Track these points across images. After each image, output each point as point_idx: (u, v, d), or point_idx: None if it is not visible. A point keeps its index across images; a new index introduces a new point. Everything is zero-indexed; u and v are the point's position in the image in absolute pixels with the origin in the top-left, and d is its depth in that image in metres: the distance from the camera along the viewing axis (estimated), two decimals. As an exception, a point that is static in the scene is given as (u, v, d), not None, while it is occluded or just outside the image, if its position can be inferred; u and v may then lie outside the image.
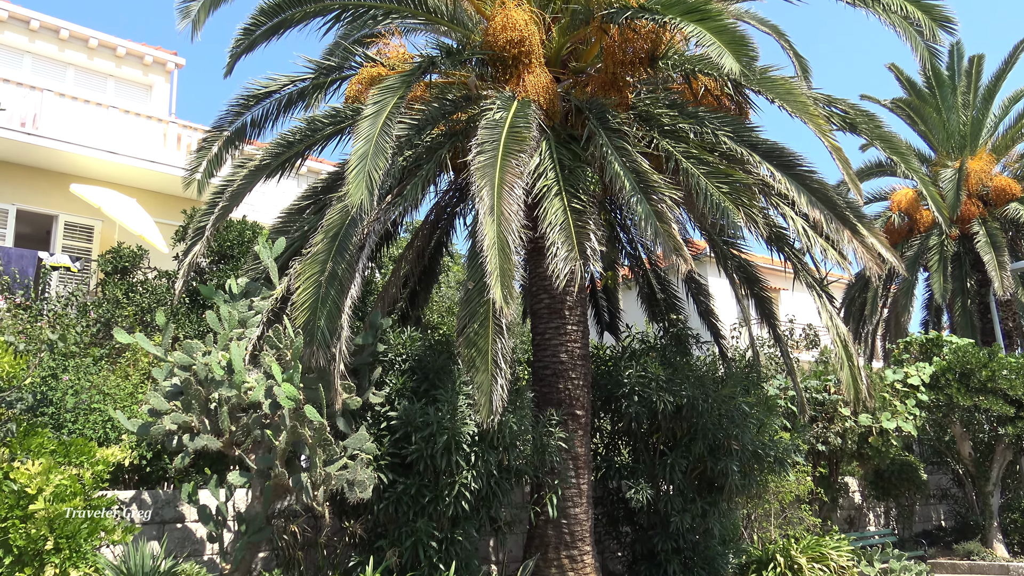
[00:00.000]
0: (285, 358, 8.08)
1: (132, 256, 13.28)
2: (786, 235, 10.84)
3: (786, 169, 8.99)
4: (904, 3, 9.21)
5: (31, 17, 16.97)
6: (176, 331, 11.08)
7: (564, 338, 10.11)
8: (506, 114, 8.42)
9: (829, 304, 10.22)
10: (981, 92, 21.44)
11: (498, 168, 7.72)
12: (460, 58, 9.79)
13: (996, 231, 19.68)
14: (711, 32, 7.74)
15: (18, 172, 15.35)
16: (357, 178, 7.17)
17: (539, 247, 8.86)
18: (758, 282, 12.24)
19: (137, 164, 15.71)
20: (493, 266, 7.01)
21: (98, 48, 17.92)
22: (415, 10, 9.51)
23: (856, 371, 9.92)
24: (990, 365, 14.96)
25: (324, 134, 10.30)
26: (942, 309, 22.84)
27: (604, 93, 9.67)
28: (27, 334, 9.85)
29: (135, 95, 18.55)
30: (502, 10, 9.17)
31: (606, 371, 11.61)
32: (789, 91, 8.75)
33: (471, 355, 7.91)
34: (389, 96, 8.00)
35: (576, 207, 8.28)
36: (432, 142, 9.77)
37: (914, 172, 10.78)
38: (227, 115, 10.39)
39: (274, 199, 17.04)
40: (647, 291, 13.58)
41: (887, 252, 9.34)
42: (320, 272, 8.02)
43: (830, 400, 14.69)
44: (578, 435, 9.93)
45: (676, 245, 7.72)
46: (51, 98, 15.30)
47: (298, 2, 9.07)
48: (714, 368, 12.20)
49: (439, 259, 12.70)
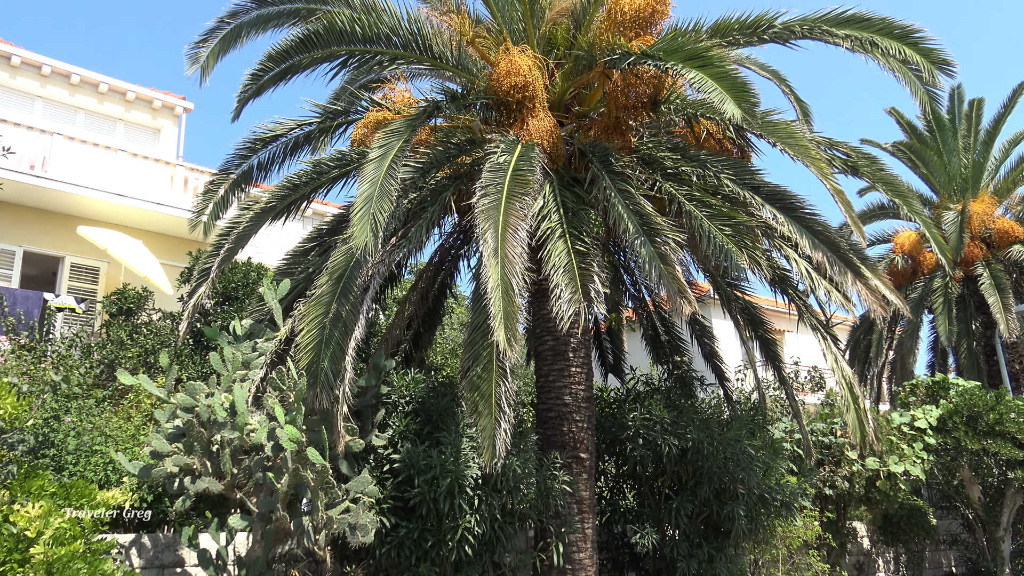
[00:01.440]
0: (288, 400, 8.06)
1: (137, 297, 13.32)
2: (790, 277, 10.85)
3: (789, 212, 9.03)
4: (902, 47, 9.29)
5: (43, 63, 17.26)
6: (180, 373, 11.07)
7: (568, 380, 10.07)
8: (510, 157, 8.49)
9: (834, 346, 10.19)
10: (982, 135, 21.61)
11: (502, 211, 7.77)
12: (465, 102, 9.91)
13: (1000, 273, 19.68)
14: (712, 78, 7.83)
15: (26, 214, 15.49)
16: (362, 221, 7.22)
17: (543, 289, 8.88)
18: (762, 324, 12.21)
19: (144, 206, 15.85)
20: (497, 308, 7.02)
21: (108, 93, 18.19)
22: (421, 56, 9.65)
23: (862, 414, 9.85)
24: (997, 408, 14.84)
25: (329, 177, 10.39)
26: (948, 351, 22.74)
27: (607, 137, 9.76)
28: (31, 375, 9.85)
29: (144, 138, 18.79)
30: (506, 56, 9.31)
31: (610, 414, 11.54)
32: (791, 135, 8.82)
33: (474, 398, 7.88)
34: (394, 140, 8.08)
35: (580, 249, 8.31)
36: (437, 185, 9.85)
37: (916, 214, 10.82)
38: (234, 158, 10.50)
39: (279, 241, 17.17)
40: (651, 333, 13.55)
41: (891, 294, 9.34)
42: (324, 314, 8.03)
43: (837, 443, 14.55)
44: (582, 479, 9.83)
45: (680, 287, 7.72)
46: (60, 141, 15.49)
47: (305, 48, 9.20)
48: (719, 411, 12.12)
49: (443, 301, 12.72)
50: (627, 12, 9.05)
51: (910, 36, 9.30)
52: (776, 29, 9.72)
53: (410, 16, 9.39)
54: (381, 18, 9.29)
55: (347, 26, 9.03)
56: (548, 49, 10.04)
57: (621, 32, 9.07)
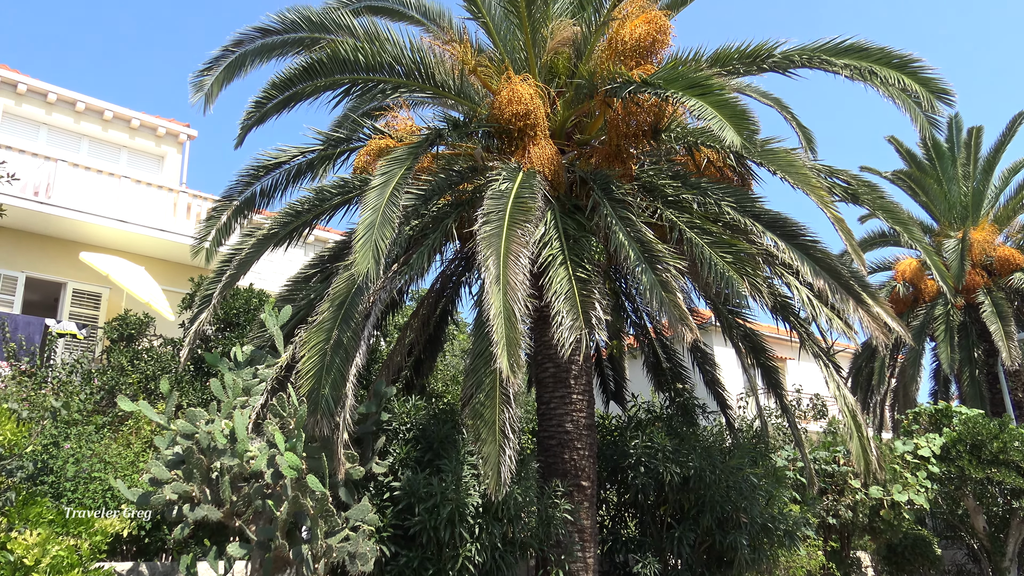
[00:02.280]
0: (289, 427, 8.02)
1: (138, 323, 13.32)
2: (791, 304, 10.84)
3: (789, 239, 9.05)
4: (901, 76, 9.36)
5: (48, 90, 17.41)
6: (180, 399, 11.04)
7: (569, 407, 10.04)
8: (512, 185, 8.53)
9: (836, 374, 10.16)
10: (981, 163, 21.71)
11: (504, 238, 7.79)
12: (467, 130, 9.98)
13: (1001, 301, 19.66)
14: (712, 106, 7.88)
15: (29, 240, 15.54)
16: (364, 247, 7.24)
17: (544, 316, 8.88)
18: (764, 351, 12.19)
19: (147, 232, 15.90)
20: (499, 335, 7.01)
21: (113, 120, 18.33)
22: (423, 85, 9.73)
23: (866, 442, 9.80)
24: (1001, 436, 14.76)
25: (332, 204, 10.43)
26: (950, 379, 22.65)
27: (608, 164, 9.81)
28: (31, 401, 9.82)
29: (147, 165, 18.89)
30: (508, 84, 9.38)
31: (612, 441, 11.49)
32: (790, 163, 8.87)
33: (477, 425, 7.85)
34: (396, 167, 8.13)
35: (581, 276, 8.32)
36: (439, 212, 9.89)
37: (917, 242, 10.83)
38: (237, 185, 10.55)
39: (281, 267, 17.19)
40: (653, 360, 13.53)
41: (893, 321, 9.33)
42: (325, 340, 8.03)
43: (840, 472, 14.46)
44: (584, 507, 9.76)
45: (681, 314, 7.72)
46: (64, 168, 15.58)
47: (309, 76, 9.29)
48: (721, 439, 12.07)
49: (444, 328, 12.71)
50: (628, 42, 9.14)
51: (908, 65, 9.38)
52: (776, 58, 9.81)
53: (413, 45, 9.49)
54: (384, 47, 9.38)
55: (350, 55, 9.11)
56: (550, 78, 10.13)
57: (622, 61, 9.15)
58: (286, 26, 9.93)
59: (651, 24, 9.15)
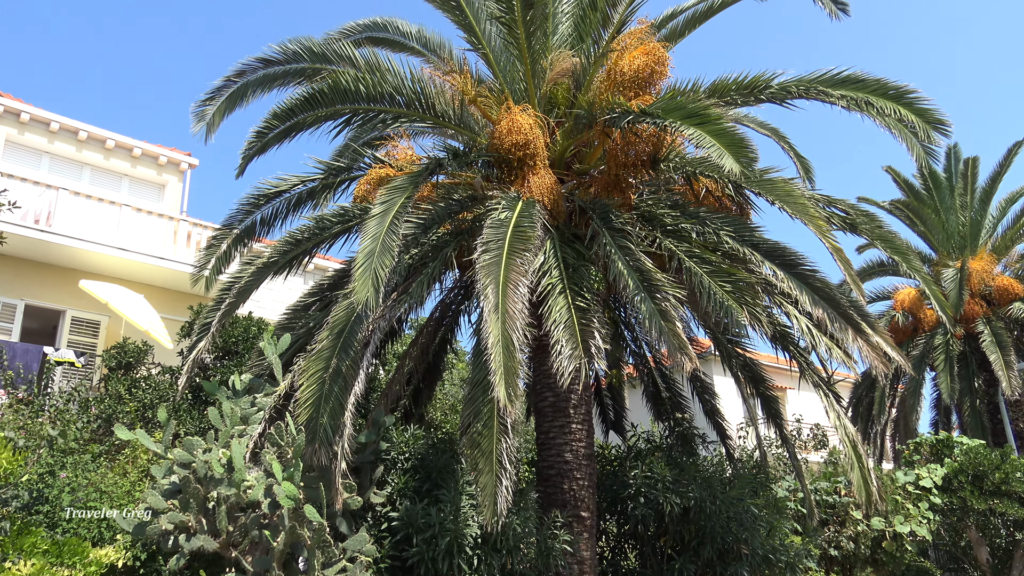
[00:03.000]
0: (286, 456, 7.98)
1: (136, 352, 13.29)
2: (790, 334, 10.83)
3: (788, 268, 9.07)
4: (897, 107, 9.43)
5: (51, 119, 17.53)
6: (178, 428, 10.99)
7: (569, 437, 9.99)
8: (511, 214, 8.56)
9: (836, 403, 10.13)
10: (978, 193, 21.82)
11: (503, 266, 7.80)
12: (467, 160, 10.04)
13: (1001, 330, 19.66)
14: (710, 134, 7.93)
15: (29, 268, 15.56)
16: (363, 276, 7.25)
17: (543, 345, 8.86)
18: (764, 381, 12.16)
19: (147, 261, 15.91)
20: (497, 364, 6.99)
21: (114, 149, 18.44)
22: (423, 115, 9.81)
23: (867, 473, 9.74)
24: (1003, 467, 14.68)
25: (332, 232, 10.46)
26: (951, 409, 22.58)
27: (607, 194, 9.86)
28: (27, 430, 9.78)
29: (149, 193, 18.97)
30: (508, 115, 9.46)
31: (611, 471, 11.42)
32: (788, 193, 8.90)
33: (475, 455, 7.80)
34: (396, 196, 8.16)
35: (580, 305, 8.32)
36: (438, 240, 9.91)
37: (916, 271, 10.85)
38: (237, 214, 10.59)
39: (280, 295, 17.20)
40: (652, 390, 13.49)
41: (893, 351, 9.32)
42: (324, 369, 8.01)
43: (841, 503, 14.36)
44: (583, 538, 9.67)
45: (681, 344, 7.71)
46: (65, 196, 15.64)
47: (310, 106, 9.36)
48: (721, 469, 11.99)
49: (443, 356, 12.69)
50: (627, 73, 9.22)
51: (904, 96, 9.46)
52: (773, 89, 9.90)
53: (413, 76, 9.58)
54: (385, 78, 9.47)
55: (351, 85, 9.20)
56: (549, 108, 10.21)
57: (621, 92, 9.23)
58: (288, 57, 10.04)
59: (649, 55, 9.25)
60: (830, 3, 9.69)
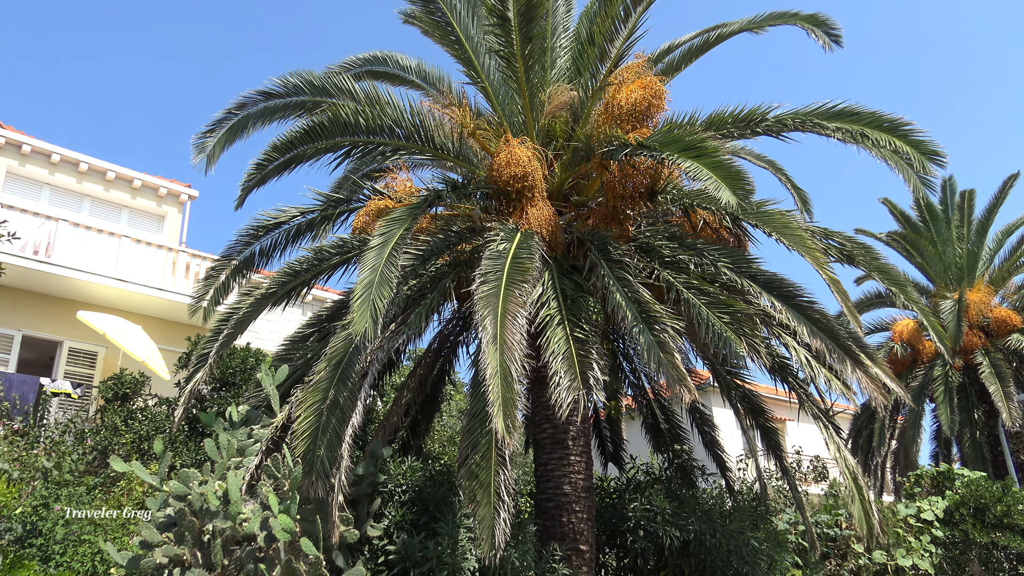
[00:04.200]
0: (283, 488, 7.92)
1: (133, 383, 13.25)
2: (789, 365, 10.82)
3: (786, 300, 9.08)
4: (892, 138, 9.50)
5: (52, 151, 17.64)
6: (174, 459, 10.92)
7: (567, 469, 9.92)
8: (509, 245, 8.59)
9: (836, 435, 10.09)
10: (975, 225, 21.92)
11: (501, 297, 7.80)
12: (465, 192, 10.09)
13: (1000, 362, 19.63)
14: (707, 167, 7.98)
15: (27, 298, 15.55)
16: (361, 307, 7.24)
17: (542, 376, 8.84)
18: (763, 412, 12.12)
19: (145, 291, 15.93)
20: (496, 395, 6.97)
21: (115, 180, 18.54)
22: (423, 147, 9.88)
23: (868, 505, 9.67)
24: (1004, 499, 14.58)
25: (330, 263, 10.48)
26: (951, 441, 22.48)
27: (605, 225, 9.90)
28: (22, 461, 9.71)
29: (148, 225, 19.04)
30: (506, 147, 9.52)
31: (610, 504, 11.33)
32: (786, 224, 8.94)
33: (473, 487, 7.75)
34: (395, 227, 8.19)
35: (579, 336, 8.31)
36: (437, 272, 9.93)
37: (914, 303, 10.86)
38: (236, 245, 10.62)
39: (278, 326, 17.19)
40: (651, 421, 13.43)
41: (892, 383, 9.30)
42: (322, 400, 7.98)
43: (842, 535, 14.23)
44: (582, 572, 9.57)
45: (679, 375, 7.69)
46: (65, 227, 15.69)
47: (310, 139, 9.42)
48: (721, 501, 11.90)
49: (441, 388, 12.65)
50: (624, 106, 9.31)
51: (900, 128, 9.54)
52: (769, 122, 9.99)
53: (413, 109, 9.66)
54: (384, 110, 9.55)
55: (351, 118, 9.27)
56: (547, 140, 10.28)
57: (618, 125, 9.31)
58: (288, 90, 10.13)
59: (646, 89, 9.34)
60: (824, 36, 9.83)
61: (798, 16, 10.10)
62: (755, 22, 10.64)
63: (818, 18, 9.93)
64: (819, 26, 9.88)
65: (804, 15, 10.04)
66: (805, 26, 9.99)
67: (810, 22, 9.95)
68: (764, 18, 10.53)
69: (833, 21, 9.86)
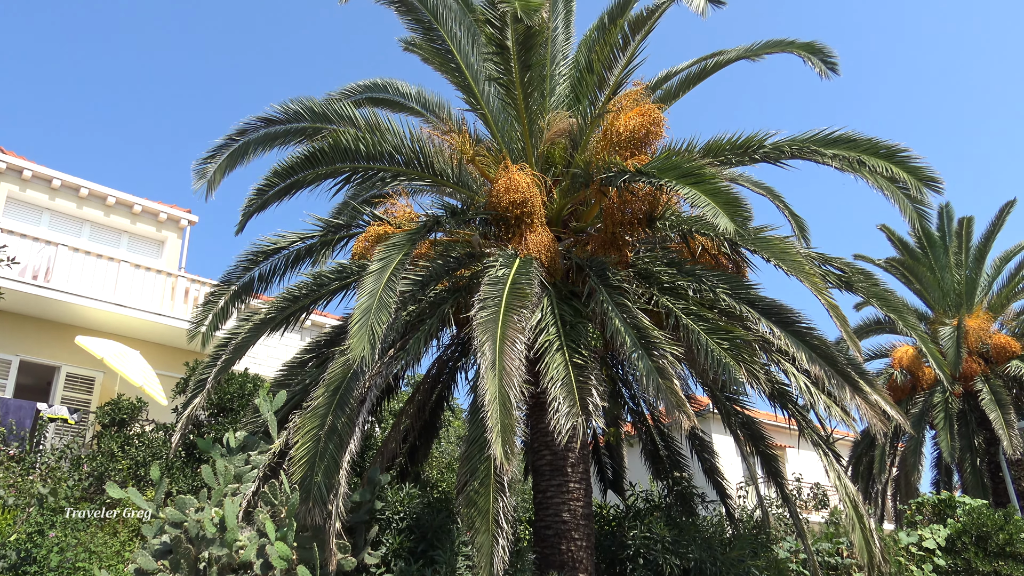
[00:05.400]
0: (280, 515, 7.86)
1: (131, 408, 13.19)
2: (789, 392, 10.79)
3: (785, 326, 9.08)
4: (889, 165, 9.55)
5: (53, 176, 17.70)
6: (170, 486, 10.85)
7: (566, 496, 9.86)
8: (508, 271, 8.60)
9: (836, 462, 10.03)
10: (972, 252, 21.95)
11: (500, 323, 7.80)
12: (464, 217, 10.12)
13: (1000, 388, 19.57)
14: (706, 194, 8.02)
15: (25, 323, 15.53)
16: (360, 332, 7.24)
17: (540, 402, 8.81)
18: (763, 439, 12.06)
19: (144, 316, 15.91)
20: (494, 421, 6.94)
21: (115, 205, 18.58)
22: (422, 173, 9.93)
23: (868, 533, 9.60)
24: (1007, 528, 14.47)
25: (329, 289, 10.49)
26: (952, 468, 22.36)
27: (604, 251, 9.92)
28: (18, 487, 9.65)
29: (148, 249, 19.07)
30: (505, 173, 9.57)
31: (610, 531, 11.24)
32: (784, 250, 8.97)
33: (471, 514, 7.69)
34: (394, 253, 8.21)
35: (578, 362, 8.30)
36: (435, 297, 9.93)
37: (912, 329, 10.86)
38: (235, 270, 10.63)
39: (277, 352, 17.16)
40: (650, 448, 13.37)
41: (891, 409, 9.27)
42: (319, 426, 7.94)
43: (843, 564, 14.10)
44: (581, 600, 9.48)
45: (679, 401, 7.67)
46: (64, 252, 15.71)
47: (311, 164, 9.46)
48: (721, 529, 11.81)
49: (440, 414, 12.60)
50: (622, 133, 9.37)
51: (896, 155, 9.60)
52: (766, 149, 10.04)
53: (412, 135, 9.72)
54: (384, 137, 9.61)
55: (351, 144, 9.32)
56: (546, 167, 10.34)
57: (617, 152, 9.36)
58: (289, 116, 10.19)
59: (645, 116, 9.41)
60: (820, 64, 9.91)
61: (795, 44, 10.19)
62: (752, 50, 10.73)
63: (815, 46, 10.02)
64: (815, 54, 9.97)
65: (801, 43, 10.13)
66: (802, 54, 10.08)
67: (807, 50, 10.04)
68: (761, 46, 10.62)
69: (830, 49, 9.95)
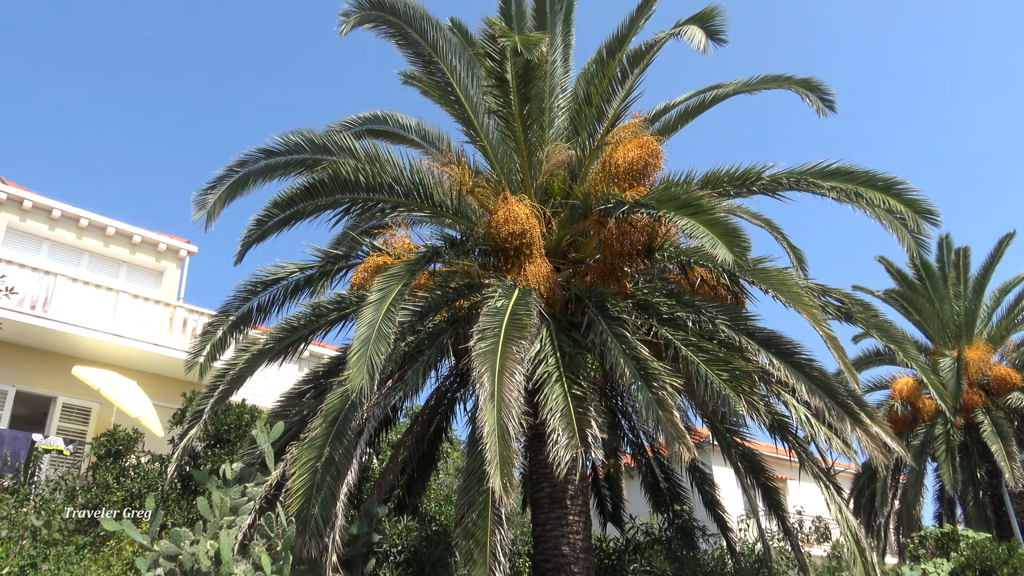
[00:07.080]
0: (276, 548, 7.78)
1: (126, 439, 13.10)
2: (789, 423, 10.72)
3: (784, 357, 9.05)
4: (886, 197, 9.59)
5: (53, 206, 17.74)
6: (166, 518, 10.74)
7: (566, 529, 9.75)
8: (507, 302, 8.59)
9: (837, 495, 9.95)
10: (971, 283, 21.96)
11: (499, 354, 7.78)
12: (463, 248, 10.14)
13: (1001, 420, 19.47)
14: (704, 224, 8.04)
15: (21, 353, 15.48)
16: (358, 363, 7.22)
17: (539, 433, 8.76)
18: (764, 471, 11.97)
19: (141, 347, 15.86)
20: (493, 453, 6.89)
21: (115, 236, 18.61)
22: (422, 204, 9.96)
23: (871, 567, 9.50)
24: (1011, 562, 14.31)
25: (328, 320, 10.47)
26: (955, 500, 22.18)
27: (603, 282, 9.92)
28: (11, 519, 9.55)
29: (147, 280, 19.07)
30: (504, 205, 9.60)
31: (610, 565, 11.13)
32: (783, 282, 8.97)
33: (469, 546, 7.62)
34: (393, 283, 8.21)
35: (577, 393, 8.26)
36: (434, 328, 9.92)
37: (913, 360, 10.83)
38: (234, 301, 10.62)
39: (275, 382, 17.08)
40: (650, 480, 13.27)
41: (892, 442, 9.21)
42: (317, 457, 7.89)
43: (846, 599, 13.94)
44: (581, 636, 9.34)
45: (678, 433, 7.62)
46: (63, 282, 15.70)
47: (310, 195, 9.50)
48: (723, 563, 11.70)
49: (438, 445, 12.52)
50: (621, 165, 9.42)
51: (893, 187, 9.65)
52: (764, 181, 10.09)
53: (412, 167, 9.78)
54: (384, 168, 9.65)
55: (351, 175, 9.37)
56: (545, 198, 10.38)
57: (615, 183, 9.40)
58: (289, 148, 10.25)
59: (643, 148, 9.46)
60: (818, 101, 9.98)
61: (792, 80, 10.26)
62: (750, 84, 10.81)
63: (812, 83, 10.08)
64: (813, 91, 10.02)
65: (798, 79, 10.20)
66: (799, 91, 10.13)
67: (804, 86, 10.10)
68: (759, 81, 10.70)
69: (827, 87, 10.00)
